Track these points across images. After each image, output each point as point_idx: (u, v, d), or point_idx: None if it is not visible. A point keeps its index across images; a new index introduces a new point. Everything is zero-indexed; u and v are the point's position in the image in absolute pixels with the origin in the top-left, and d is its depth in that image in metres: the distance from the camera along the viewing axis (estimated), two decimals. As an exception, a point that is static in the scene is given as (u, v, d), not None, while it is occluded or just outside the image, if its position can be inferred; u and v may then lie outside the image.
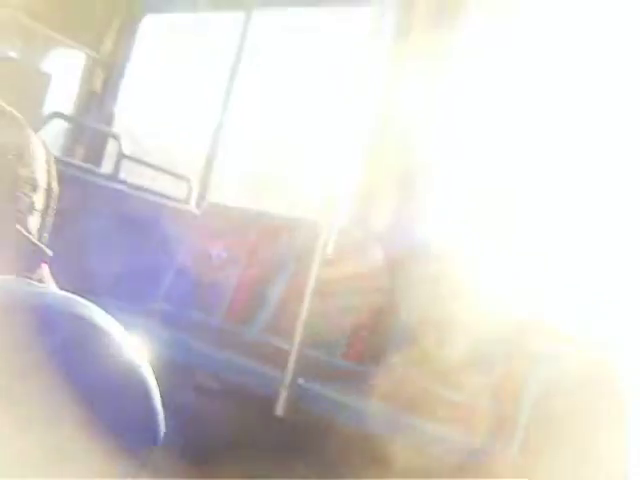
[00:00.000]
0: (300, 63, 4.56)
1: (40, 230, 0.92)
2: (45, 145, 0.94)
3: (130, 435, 0.75)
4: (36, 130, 3.29)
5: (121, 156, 4.09)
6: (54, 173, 0.94)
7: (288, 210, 3.91)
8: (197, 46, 4.96)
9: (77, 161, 4.51)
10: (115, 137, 4.41)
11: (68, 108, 5.00)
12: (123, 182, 4.00)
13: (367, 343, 3.14)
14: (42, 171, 0.92)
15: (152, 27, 5.11)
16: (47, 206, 0.92)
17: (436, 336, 3.04)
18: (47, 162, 0.93)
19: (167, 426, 2.39)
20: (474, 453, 2.35)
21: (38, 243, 0.89)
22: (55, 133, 4.76)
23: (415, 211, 3.66)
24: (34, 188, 0.89)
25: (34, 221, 0.90)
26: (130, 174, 4.20)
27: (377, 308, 3.21)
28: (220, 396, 2.66)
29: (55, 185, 0.94)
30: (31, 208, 0.88)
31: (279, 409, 2.48)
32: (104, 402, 0.72)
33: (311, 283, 2.54)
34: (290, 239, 3.50)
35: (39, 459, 0.68)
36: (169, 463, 2.43)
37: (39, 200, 0.91)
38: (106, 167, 4.43)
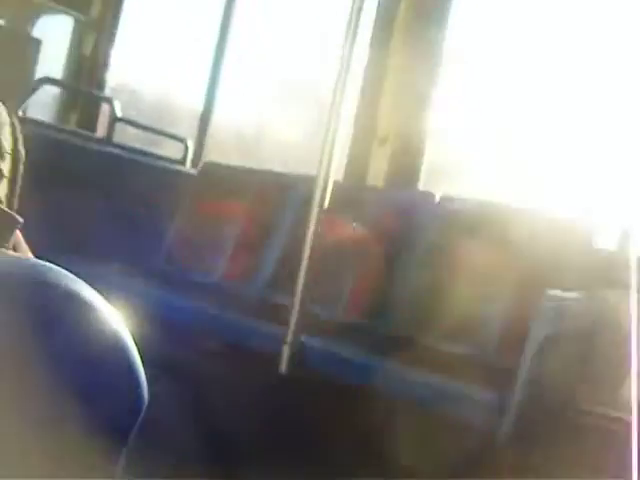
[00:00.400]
0: (290, 19, 4.50)
1: (9, 197, 0.89)
2: (8, 109, 0.91)
3: (111, 408, 0.73)
4: (27, 96, 3.22)
5: (114, 119, 4.05)
6: (20, 137, 0.91)
7: (284, 167, 3.88)
8: (187, 6, 4.89)
9: (71, 127, 4.46)
10: (108, 101, 4.36)
11: (59, 73, 4.94)
12: (118, 145, 3.97)
13: (368, 298, 3.13)
14: (7, 136, 0.89)
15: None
16: (15, 172, 0.90)
17: (437, 290, 3.03)
18: (12, 126, 0.90)
19: (170, 387, 2.37)
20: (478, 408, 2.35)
21: (8, 210, 0.87)
22: (47, 99, 4.70)
23: (414, 165, 3.62)
24: (0, 154, 0.86)
25: (2, 188, 0.87)
26: (124, 137, 4.17)
27: (377, 263, 3.19)
28: (222, 355, 2.66)
29: (22, 150, 0.91)
30: None
31: (282, 367, 2.48)
32: (82, 375, 0.70)
33: (309, 239, 2.52)
34: (287, 196, 3.47)
35: (16, 436, 0.66)
36: (173, 425, 2.43)
37: (6, 166, 0.88)
38: (100, 131, 4.38)
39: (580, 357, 2.75)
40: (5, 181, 0.87)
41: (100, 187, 3.56)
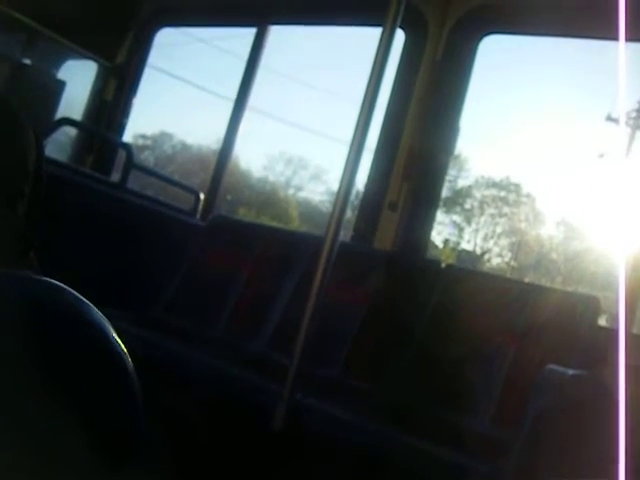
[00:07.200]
0: (312, 77, 4.57)
1: (28, 216, 0.90)
2: (34, 129, 0.93)
3: (108, 424, 0.74)
4: (46, 135, 3.25)
5: (130, 166, 4.10)
6: (43, 162, 0.93)
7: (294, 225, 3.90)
8: (210, 58, 4.98)
9: (86, 169, 4.51)
10: (125, 146, 4.42)
11: (80, 116, 5.01)
12: (130, 192, 4.01)
13: (368, 362, 3.13)
14: (33, 159, 0.91)
15: (166, 39, 5.13)
16: (35, 192, 0.91)
17: (438, 357, 3.02)
18: (38, 150, 0.92)
19: (162, 437, 2.35)
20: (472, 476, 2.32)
21: (25, 232, 0.88)
22: (65, 140, 4.77)
23: (421, 226, 3.64)
24: (23, 173, 0.88)
25: (22, 207, 0.89)
26: (138, 184, 4.21)
27: (379, 327, 3.19)
28: (217, 408, 2.65)
29: (43, 170, 0.93)
30: (19, 194, 0.87)
31: (276, 424, 2.46)
32: (82, 392, 0.71)
33: (313, 298, 2.52)
34: (294, 254, 3.49)
35: (17, 449, 0.67)
36: (164, 476, 2.41)
37: (28, 186, 0.89)
38: (114, 176, 4.43)
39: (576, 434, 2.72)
40: (25, 200, 0.89)
41: (107, 231, 3.58)
